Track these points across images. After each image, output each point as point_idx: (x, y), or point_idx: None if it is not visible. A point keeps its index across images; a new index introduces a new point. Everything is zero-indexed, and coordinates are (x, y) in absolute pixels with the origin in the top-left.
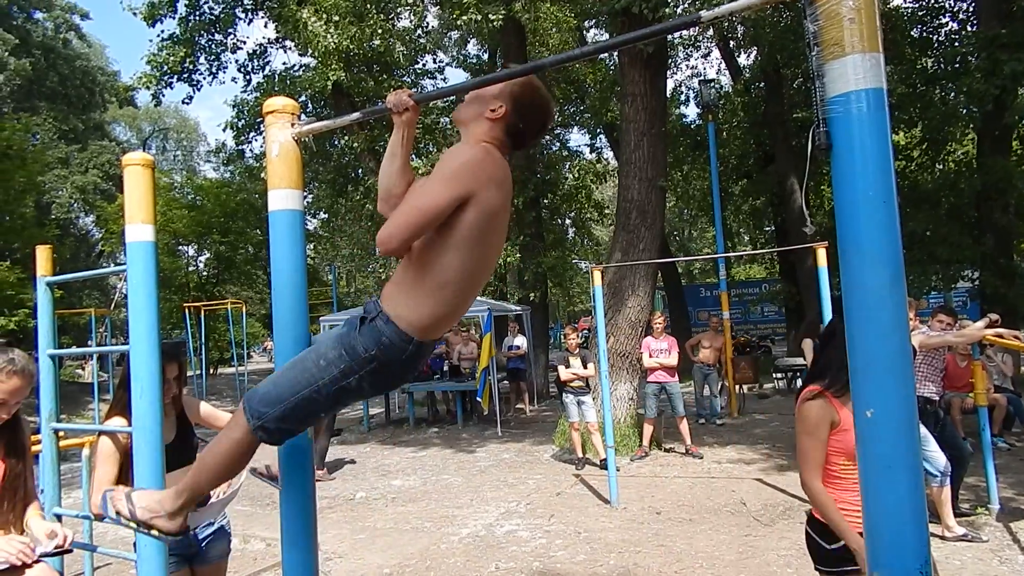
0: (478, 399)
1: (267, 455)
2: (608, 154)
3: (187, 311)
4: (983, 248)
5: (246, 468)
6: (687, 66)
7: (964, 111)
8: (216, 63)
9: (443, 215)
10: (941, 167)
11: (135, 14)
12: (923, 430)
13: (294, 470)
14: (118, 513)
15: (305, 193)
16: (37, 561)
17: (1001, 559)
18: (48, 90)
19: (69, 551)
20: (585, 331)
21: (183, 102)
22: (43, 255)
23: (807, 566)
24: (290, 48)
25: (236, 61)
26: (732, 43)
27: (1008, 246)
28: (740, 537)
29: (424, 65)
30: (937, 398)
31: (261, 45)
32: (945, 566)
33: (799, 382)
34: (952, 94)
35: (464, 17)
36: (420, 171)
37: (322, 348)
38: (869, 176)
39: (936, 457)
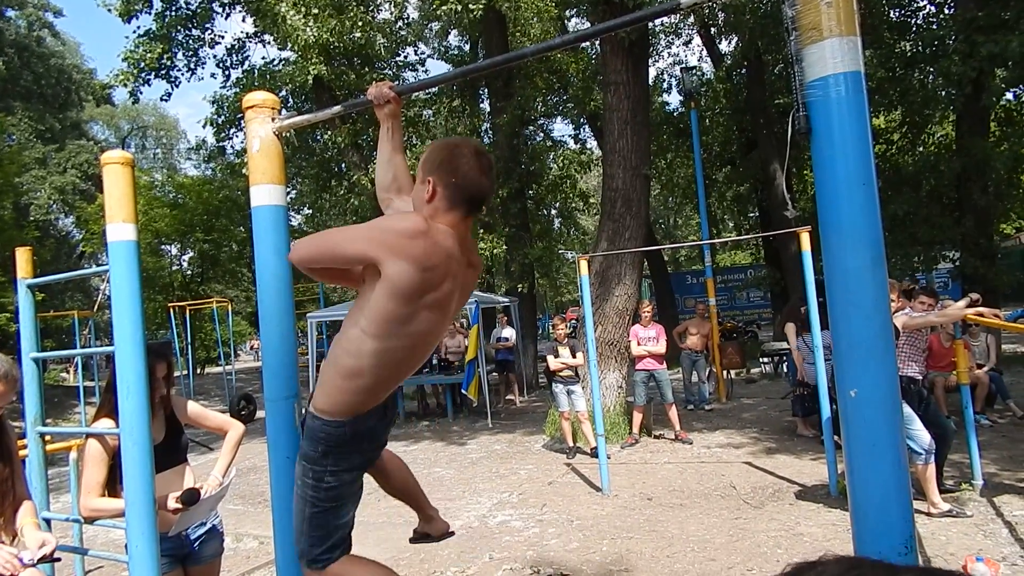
0: (463, 391)
1: (202, 511)
2: (592, 143)
3: (172, 311)
4: (963, 229)
5: (228, 478)
6: (669, 54)
7: (943, 93)
8: (194, 59)
9: (345, 261)
10: (921, 149)
11: (110, 10)
12: (907, 409)
13: (284, 469)
14: None
15: (288, 189)
16: (27, 566)
17: (985, 533)
18: (23, 89)
19: (58, 559)
20: (573, 321)
21: (161, 99)
22: (23, 257)
23: (796, 546)
24: (269, 42)
25: (214, 56)
26: (713, 30)
27: (987, 226)
28: (730, 520)
29: (406, 57)
30: (920, 378)
31: (239, 40)
32: (931, 542)
33: (785, 366)
34: (931, 77)
35: (444, 7)
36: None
37: (295, 472)
38: (848, 159)
39: (920, 435)
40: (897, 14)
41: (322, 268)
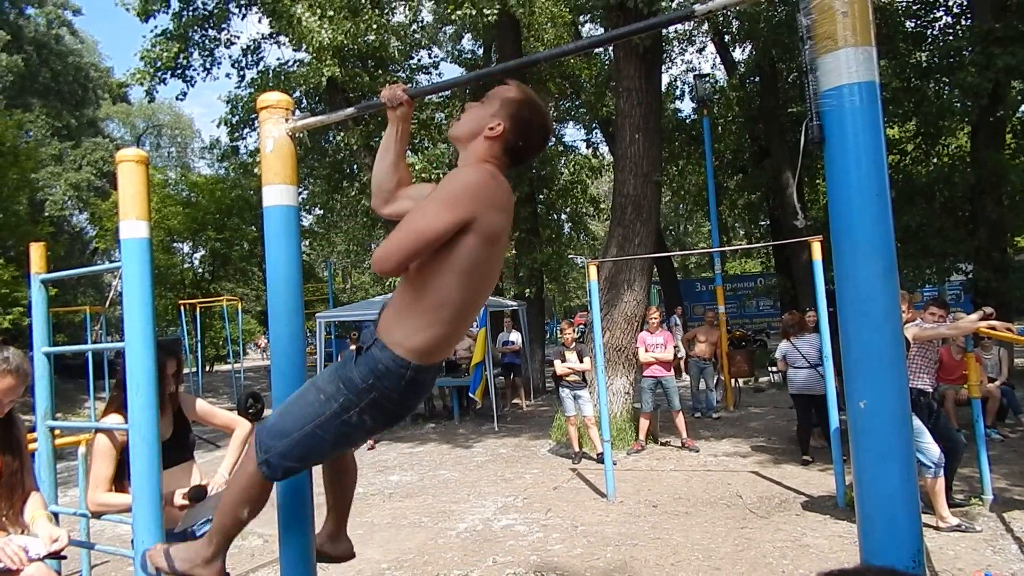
0: (471, 394)
1: (207, 508)
2: (603, 149)
3: (183, 308)
4: (976, 241)
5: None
6: (682, 61)
7: (958, 105)
8: (210, 59)
9: (442, 239)
10: (935, 161)
11: (128, 9)
12: (917, 422)
13: None
14: (158, 570)
15: (300, 189)
16: (33, 560)
17: (995, 549)
18: (41, 86)
19: (64, 557)
20: (581, 326)
21: (177, 98)
22: (37, 252)
23: (802, 557)
24: (284, 43)
25: (230, 57)
26: (727, 37)
27: (1001, 239)
28: (736, 529)
29: (419, 60)
30: (931, 390)
31: (255, 40)
32: (939, 556)
33: None
34: (946, 88)
35: (459, 11)
36: (416, 166)
37: (321, 382)
38: (862, 169)
39: (930, 449)
40: (913, 24)
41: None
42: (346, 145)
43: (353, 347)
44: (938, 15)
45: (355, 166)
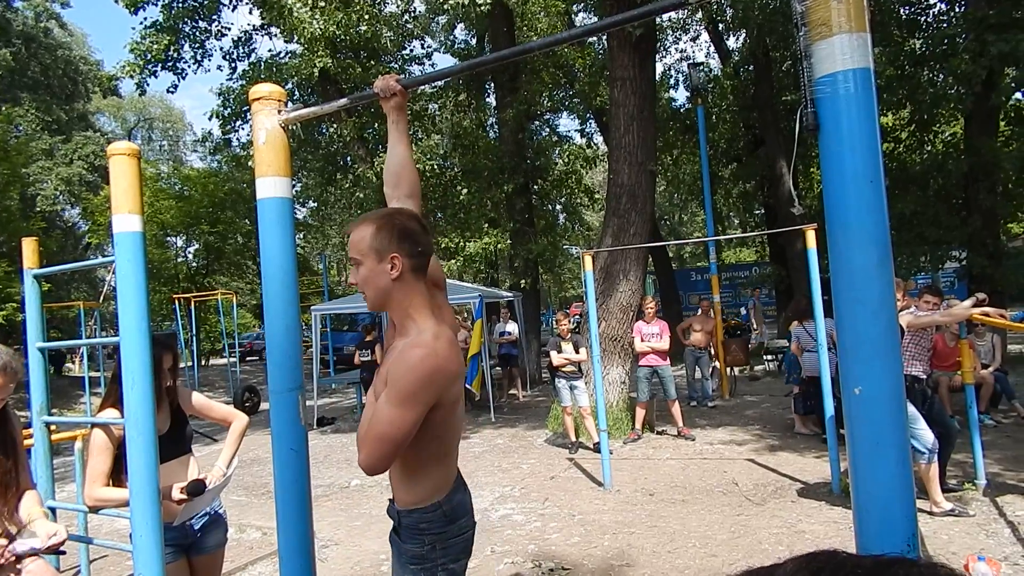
0: (467, 386)
1: (205, 501)
2: (598, 139)
3: (177, 302)
4: (970, 229)
5: (231, 469)
6: (676, 49)
7: (952, 92)
8: (201, 51)
9: (414, 432)
10: (929, 148)
11: (117, 1)
12: (911, 408)
13: (288, 460)
14: None
15: (293, 182)
16: (21, 556)
17: (988, 533)
18: (30, 80)
19: (63, 552)
20: (577, 316)
21: (168, 91)
22: (29, 248)
23: (798, 543)
24: (276, 35)
25: (221, 48)
26: (721, 25)
27: (994, 226)
28: (732, 516)
29: (412, 51)
30: (924, 377)
31: (246, 32)
32: (933, 541)
33: (783, 365)
34: (940, 75)
35: (451, 1)
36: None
37: None
38: (856, 156)
39: (924, 435)
40: (907, 11)
41: None
42: (339, 137)
43: (369, 337)
44: (932, 2)
45: (348, 158)
